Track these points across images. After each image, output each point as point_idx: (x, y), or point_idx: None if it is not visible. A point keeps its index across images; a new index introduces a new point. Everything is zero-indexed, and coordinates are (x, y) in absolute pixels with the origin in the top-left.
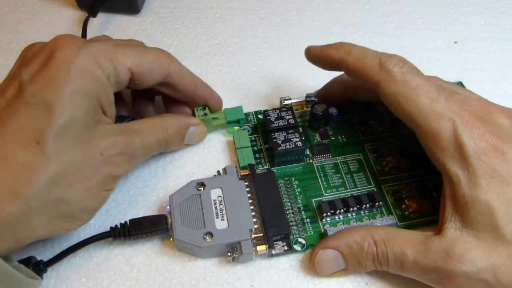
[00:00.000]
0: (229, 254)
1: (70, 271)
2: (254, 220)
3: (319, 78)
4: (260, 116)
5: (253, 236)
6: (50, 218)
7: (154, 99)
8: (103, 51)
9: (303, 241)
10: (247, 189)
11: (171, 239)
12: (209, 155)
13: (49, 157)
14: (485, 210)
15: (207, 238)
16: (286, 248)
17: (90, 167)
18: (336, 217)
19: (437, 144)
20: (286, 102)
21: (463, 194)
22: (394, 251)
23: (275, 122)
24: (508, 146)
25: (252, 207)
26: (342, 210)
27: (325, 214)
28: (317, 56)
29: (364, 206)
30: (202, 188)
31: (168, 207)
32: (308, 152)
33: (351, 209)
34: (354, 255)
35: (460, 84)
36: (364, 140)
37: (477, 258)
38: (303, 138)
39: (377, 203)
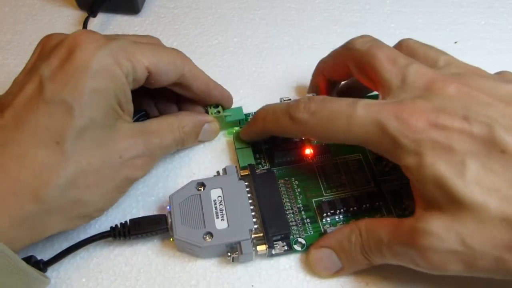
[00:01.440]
0: (229, 254)
1: (70, 271)
2: (254, 220)
3: None
4: None
5: (253, 236)
6: (66, 217)
7: (177, 99)
8: (122, 49)
9: (303, 241)
10: (247, 189)
11: (171, 239)
12: (209, 155)
13: (68, 157)
14: (438, 183)
15: (207, 238)
16: (286, 248)
17: (109, 170)
18: (336, 217)
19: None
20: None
21: (417, 178)
22: (374, 237)
23: None
24: (444, 117)
25: (252, 207)
26: (342, 210)
27: (325, 214)
28: (247, 135)
29: (364, 206)
30: (202, 188)
31: (168, 207)
32: (308, 153)
33: (351, 209)
34: (345, 250)
35: None
36: None
37: (440, 230)
38: (303, 138)
39: (377, 203)
